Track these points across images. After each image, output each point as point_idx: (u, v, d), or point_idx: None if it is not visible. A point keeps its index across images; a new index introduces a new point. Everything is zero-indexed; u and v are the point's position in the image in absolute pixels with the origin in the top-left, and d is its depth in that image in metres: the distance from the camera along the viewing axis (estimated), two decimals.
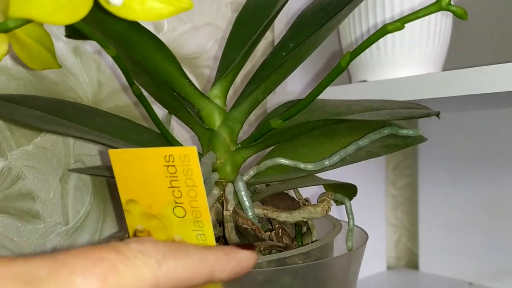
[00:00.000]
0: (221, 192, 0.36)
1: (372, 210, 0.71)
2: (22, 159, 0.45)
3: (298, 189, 0.40)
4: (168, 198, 0.29)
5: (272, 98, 0.59)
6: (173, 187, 0.29)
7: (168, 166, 0.29)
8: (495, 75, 0.40)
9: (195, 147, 0.28)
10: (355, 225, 0.39)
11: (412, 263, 0.80)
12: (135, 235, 0.32)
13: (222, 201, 0.36)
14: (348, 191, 0.39)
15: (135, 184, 0.30)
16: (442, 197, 0.73)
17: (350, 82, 0.55)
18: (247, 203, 0.35)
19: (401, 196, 0.80)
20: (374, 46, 0.49)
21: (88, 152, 0.50)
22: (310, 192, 0.42)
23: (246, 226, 0.34)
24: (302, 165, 0.36)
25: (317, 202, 0.38)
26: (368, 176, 0.72)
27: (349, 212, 0.38)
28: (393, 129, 0.37)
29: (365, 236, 0.37)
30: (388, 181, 0.79)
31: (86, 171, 0.45)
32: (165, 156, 0.29)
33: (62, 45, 0.48)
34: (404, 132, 0.37)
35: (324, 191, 0.40)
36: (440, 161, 0.73)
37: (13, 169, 0.45)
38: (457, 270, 0.71)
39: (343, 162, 0.36)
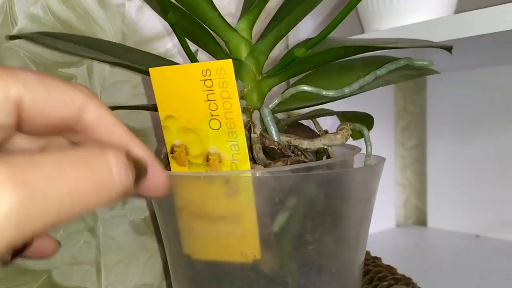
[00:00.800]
0: (248, 118, 0.38)
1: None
2: None
3: (318, 122, 0.42)
4: (204, 112, 0.32)
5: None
6: (209, 100, 0.32)
7: (205, 80, 0.31)
8: (506, 14, 0.41)
9: (230, 60, 0.30)
10: (373, 155, 0.41)
11: (421, 221, 0.82)
12: (172, 150, 0.34)
13: (249, 127, 0.38)
14: (364, 122, 0.42)
15: (173, 100, 0.33)
16: (450, 154, 0.75)
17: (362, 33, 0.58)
18: (272, 127, 0.37)
19: (410, 157, 0.82)
20: None
21: (114, 102, 0.53)
22: (327, 125, 0.45)
23: (273, 146, 0.36)
24: (324, 92, 0.38)
25: (337, 131, 0.41)
26: (378, 138, 0.74)
27: (367, 139, 0.41)
28: (408, 60, 0.39)
29: (382, 159, 0.39)
30: (397, 142, 0.81)
31: (130, 107, 0.47)
32: (203, 71, 0.31)
33: None
34: (419, 63, 0.40)
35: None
36: (447, 120, 0.75)
37: None
38: (464, 224, 0.74)
39: (362, 89, 0.38)
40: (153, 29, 0.56)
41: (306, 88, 0.39)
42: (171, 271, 0.40)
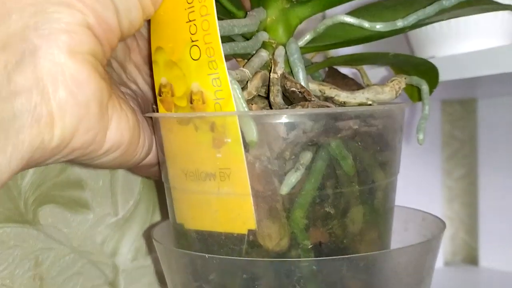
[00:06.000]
0: (270, 56, 0.28)
1: (427, 202, 0.61)
2: None
3: (366, 73, 0.32)
4: (185, 37, 0.25)
5: None
6: (190, 21, 0.25)
7: None
8: None
9: None
10: (428, 213, 0.32)
11: (470, 258, 0.71)
12: (160, 91, 0.28)
13: (270, 68, 0.28)
14: (426, 75, 0.30)
15: (163, 27, 0.27)
16: (504, 185, 0.63)
17: None
18: (299, 68, 0.28)
19: (458, 188, 0.71)
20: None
21: None
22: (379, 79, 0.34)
23: (294, 89, 0.27)
24: (367, 24, 0.28)
25: (385, 83, 0.30)
26: (423, 166, 0.64)
27: (425, 97, 0.30)
28: None
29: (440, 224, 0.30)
30: (444, 172, 0.70)
31: None
32: None
33: None
34: None
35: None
36: (501, 147, 0.63)
37: None
38: None
39: (419, 22, 0.28)
40: None
41: (346, 18, 0.28)
42: None
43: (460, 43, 0.41)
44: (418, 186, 0.62)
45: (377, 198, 0.27)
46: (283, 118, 0.24)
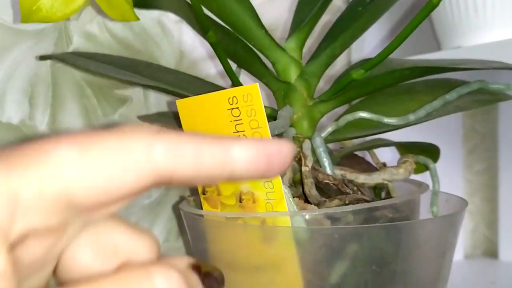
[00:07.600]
0: (298, 149, 0.31)
1: None
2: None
3: (375, 153, 0.35)
4: None
5: None
6: (238, 131, 0.26)
7: (232, 109, 0.26)
8: None
9: (257, 84, 0.25)
10: (451, 194, 0.33)
11: (490, 252, 0.70)
12: (204, 190, 0.29)
13: (299, 159, 0.31)
14: (429, 154, 0.34)
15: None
16: None
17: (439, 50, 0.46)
18: (325, 159, 0.31)
19: (478, 182, 0.71)
20: (471, 7, 0.41)
21: None
22: (385, 158, 0.37)
23: (327, 181, 0.30)
24: (385, 120, 0.31)
25: (398, 164, 0.33)
26: (444, 161, 0.63)
27: (434, 175, 0.33)
28: (482, 83, 0.32)
29: (463, 203, 0.31)
30: (464, 166, 0.70)
31: (153, 118, 0.41)
32: (229, 99, 0.26)
33: (146, 14, 0.45)
34: (494, 86, 0.32)
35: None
36: None
37: None
38: None
39: (428, 116, 0.31)
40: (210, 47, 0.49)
41: (364, 114, 0.32)
42: None
43: (486, 33, 0.41)
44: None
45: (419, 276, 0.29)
46: (329, 214, 0.27)
